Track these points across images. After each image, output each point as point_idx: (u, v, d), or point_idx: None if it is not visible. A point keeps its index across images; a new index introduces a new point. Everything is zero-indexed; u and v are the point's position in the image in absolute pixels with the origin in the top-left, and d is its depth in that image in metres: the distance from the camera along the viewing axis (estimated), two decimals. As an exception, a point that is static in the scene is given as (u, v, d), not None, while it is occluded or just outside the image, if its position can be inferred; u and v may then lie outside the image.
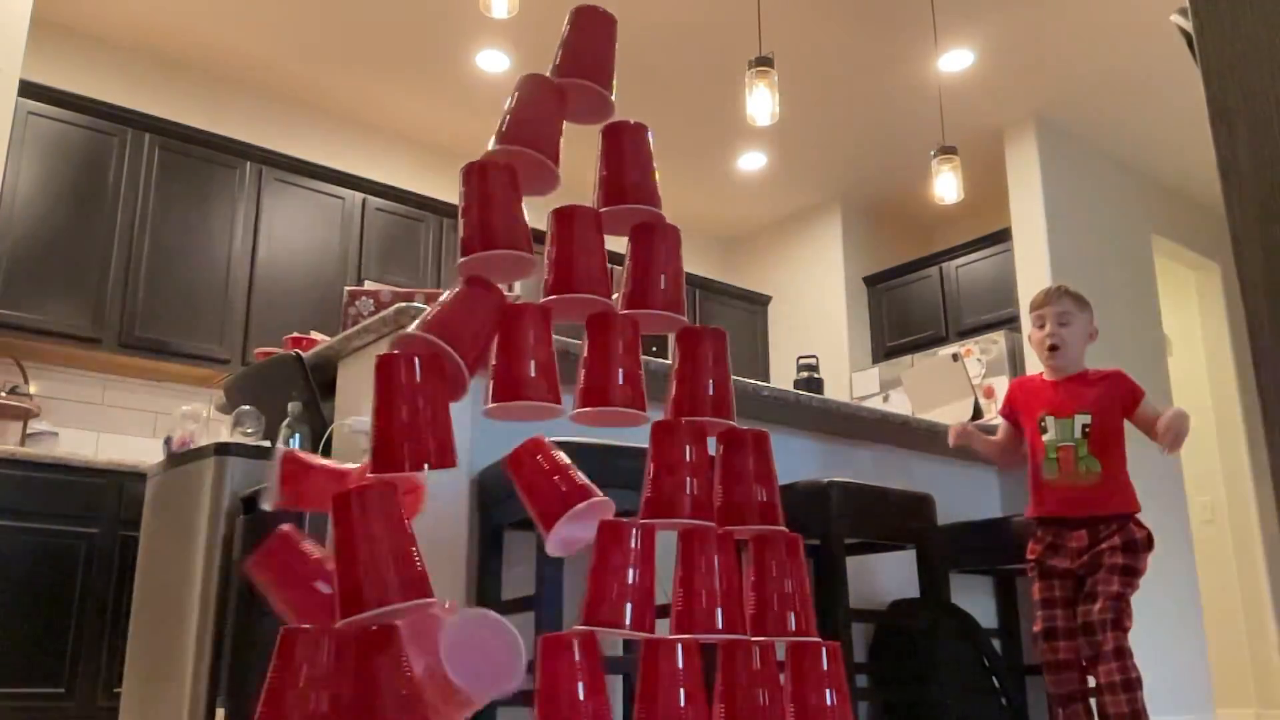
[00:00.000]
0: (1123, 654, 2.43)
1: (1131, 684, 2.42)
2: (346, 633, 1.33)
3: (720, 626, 1.44)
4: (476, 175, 1.56)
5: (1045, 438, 2.68)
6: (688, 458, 1.51)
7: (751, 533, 1.55)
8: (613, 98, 1.68)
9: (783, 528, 1.55)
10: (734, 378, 2.77)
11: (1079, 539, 2.59)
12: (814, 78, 5.25)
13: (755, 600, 1.53)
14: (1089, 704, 2.53)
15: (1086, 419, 2.64)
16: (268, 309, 4.74)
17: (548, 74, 1.67)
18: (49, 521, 3.75)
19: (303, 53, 5.08)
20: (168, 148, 4.62)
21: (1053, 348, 2.73)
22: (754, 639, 1.48)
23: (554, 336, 1.58)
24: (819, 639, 1.52)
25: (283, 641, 1.35)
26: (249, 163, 4.85)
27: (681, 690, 1.39)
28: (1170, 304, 6.44)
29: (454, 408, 2.28)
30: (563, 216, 1.58)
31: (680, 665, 1.40)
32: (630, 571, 1.43)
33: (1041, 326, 2.77)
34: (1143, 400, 2.66)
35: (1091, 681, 2.53)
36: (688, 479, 1.50)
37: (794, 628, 1.51)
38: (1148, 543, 2.57)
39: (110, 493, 3.89)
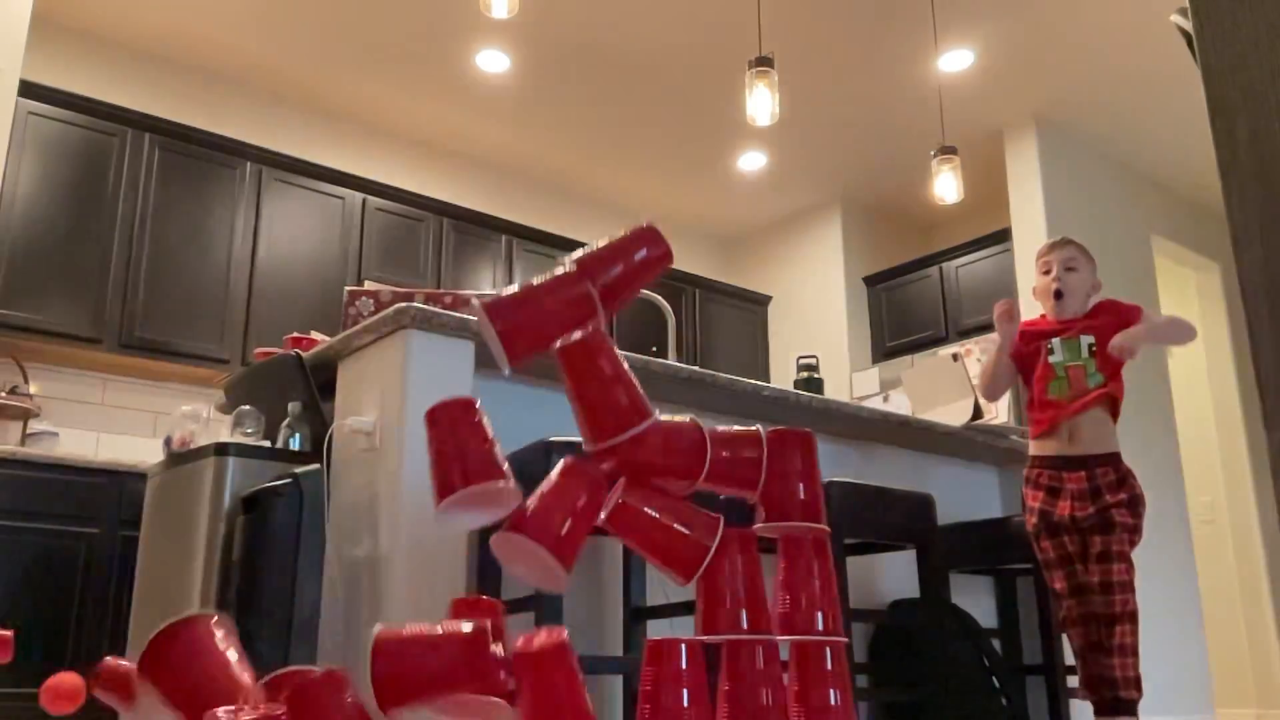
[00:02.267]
0: (1136, 617, 2.52)
1: (1138, 649, 2.51)
2: None
3: (745, 627, 1.45)
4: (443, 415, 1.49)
5: (1052, 359, 2.70)
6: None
7: (785, 530, 1.55)
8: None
9: (824, 526, 1.56)
10: (734, 378, 2.77)
11: (1077, 480, 2.62)
12: (814, 78, 5.25)
13: (787, 599, 1.54)
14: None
15: (1091, 339, 2.69)
16: (268, 309, 4.74)
17: (579, 255, 1.60)
18: (49, 521, 3.75)
19: (303, 53, 5.08)
20: (168, 148, 4.62)
21: (1058, 294, 2.74)
22: (756, 638, 1.48)
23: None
24: (835, 637, 1.52)
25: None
26: (249, 163, 4.86)
27: (685, 690, 1.39)
28: (1170, 304, 6.44)
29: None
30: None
31: (684, 665, 1.40)
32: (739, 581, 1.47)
33: (1047, 272, 2.78)
34: (1140, 317, 2.69)
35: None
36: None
37: (822, 627, 1.52)
38: (1143, 500, 2.63)
39: (110, 493, 3.89)
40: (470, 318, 2.33)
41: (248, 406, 2.60)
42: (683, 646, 1.41)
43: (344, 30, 4.90)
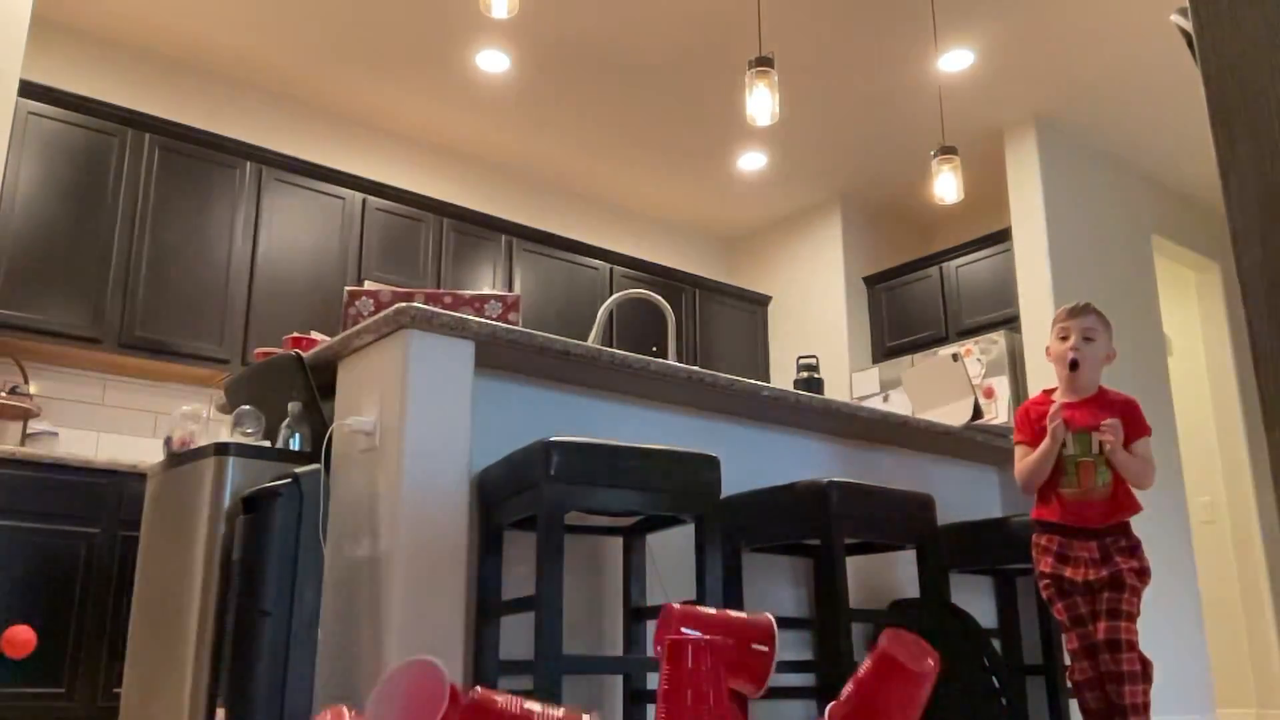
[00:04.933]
0: (1149, 675, 2.50)
1: (1149, 707, 2.49)
2: None
3: None
4: None
5: (1065, 452, 2.66)
6: None
7: None
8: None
9: None
10: (734, 378, 2.77)
11: (1089, 550, 2.60)
12: (814, 78, 5.25)
13: None
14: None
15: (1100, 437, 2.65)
16: (268, 309, 4.74)
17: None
18: (49, 521, 3.75)
19: (303, 53, 5.08)
20: (168, 148, 4.62)
21: (1074, 364, 2.70)
22: None
23: (555, 337, 1.57)
24: None
25: None
26: (249, 163, 4.86)
27: (708, 690, 1.39)
28: (1170, 304, 6.44)
29: (453, 408, 2.28)
30: None
31: (704, 666, 1.40)
32: None
33: (1064, 339, 2.73)
34: (1144, 438, 2.66)
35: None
36: None
37: None
38: (1149, 573, 2.63)
39: (110, 493, 3.89)
40: (470, 318, 2.33)
41: (248, 406, 2.60)
42: (702, 646, 1.41)
43: (344, 30, 4.90)
